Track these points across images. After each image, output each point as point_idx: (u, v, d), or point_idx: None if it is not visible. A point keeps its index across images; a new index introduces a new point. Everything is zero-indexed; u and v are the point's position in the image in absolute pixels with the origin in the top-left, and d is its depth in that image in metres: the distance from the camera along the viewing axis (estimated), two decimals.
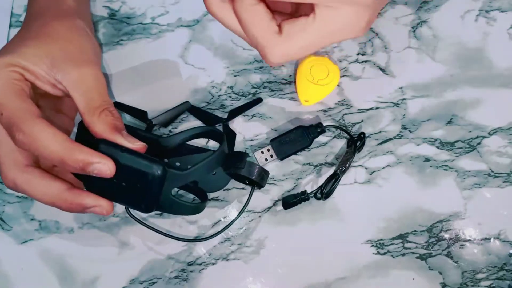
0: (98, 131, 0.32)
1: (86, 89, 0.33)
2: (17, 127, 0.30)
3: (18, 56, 0.32)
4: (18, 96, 0.31)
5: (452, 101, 0.43)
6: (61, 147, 0.30)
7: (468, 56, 0.43)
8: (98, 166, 0.31)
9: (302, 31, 0.29)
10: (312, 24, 0.29)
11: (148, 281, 0.41)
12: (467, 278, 0.41)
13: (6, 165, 0.33)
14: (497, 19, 0.43)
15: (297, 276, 0.41)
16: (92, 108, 0.32)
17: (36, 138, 0.30)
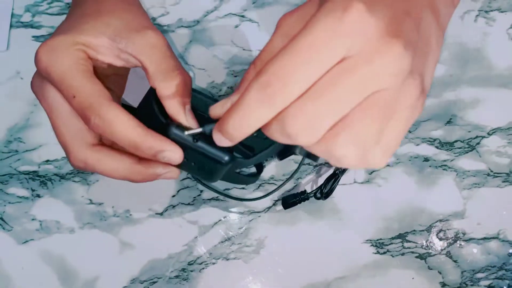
0: (165, 100, 0.31)
1: (153, 52, 0.32)
2: (92, 110, 0.30)
3: (79, 32, 0.32)
4: (89, 78, 0.31)
5: (452, 101, 0.43)
6: (135, 133, 0.30)
7: (467, 56, 0.43)
8: (169, 154, 0.31)
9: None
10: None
11: (148, 280, 0.41)
12: (467, 277, 0.41)
13: (75, 146, 0.33)
14: (497, 19, 0.44)
15: (297, 275, 0.41)
16: (161, 71, 0.31)
17: (111, 122, 0.30)
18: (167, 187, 0.42)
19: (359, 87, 0.24)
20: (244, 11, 0.44)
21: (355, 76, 0.24)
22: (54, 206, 0.42)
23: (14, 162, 0.43)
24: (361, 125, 0.25)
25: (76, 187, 0.42)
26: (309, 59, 0.24)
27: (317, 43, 0.24)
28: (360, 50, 0.24)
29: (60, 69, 0.30)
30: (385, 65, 0.24)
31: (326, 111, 0.24)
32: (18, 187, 0.42)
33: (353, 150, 0.25)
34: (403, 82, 0.25)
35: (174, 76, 0.31)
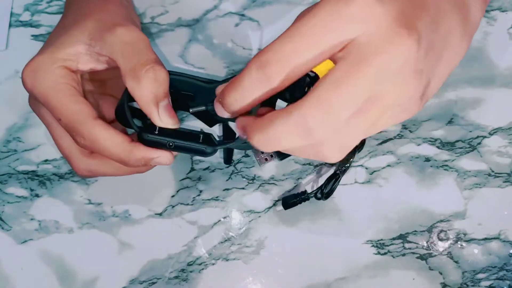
0: (137, 97, 0.30)
1: (124, 49, 0.31)
2: (76, 131, 0.30)
3: (57, 47, 0.32)
4: (72, 98, 0.31)
5: (453, 101, 0.43)
6: (120, 149, 0.30)
7: (468, 56, 0.43)
8: (158, 160, 0.31)
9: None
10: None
11: (148, 281, 0.41)
12: (468, 278, 0.41)
13: (76, 158, 0.34)
14: (498, 19, 0.43)
15: (297, 276, 0.41)
16: (131, 68, 0.30)
17: (96, 141, 0.30)
18: (166, 187, 0.42)
19: (371, 79, 0.23)
20: (244, 10, 0.43)
21: (369, 67, 0.23)
22: (53, 206, 0.42)
23: (13, 162, 0.42)
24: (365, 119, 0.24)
25: (75, 187, 0.42)
26: (310, 41, 0.23)
27: (319, 26, 0.23)
28: (368, 38, 0.23)
29: (43, 91, 0.31)
30: (394, 59, 0.23)
31: (345, 97, 0.23)
32: (17, 187, 0.42)
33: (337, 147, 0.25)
34: (405, 79, 0.23)
35: (144, 72, 0.30)
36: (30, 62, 0.32)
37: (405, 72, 0.23)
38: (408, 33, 0.23)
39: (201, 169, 0.42)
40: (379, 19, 0.23)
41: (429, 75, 0.25)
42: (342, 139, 0.24)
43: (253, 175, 0.42)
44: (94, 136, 0.30)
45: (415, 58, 0.23)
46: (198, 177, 0.42)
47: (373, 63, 0.23)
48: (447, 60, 0.26)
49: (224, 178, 0.42)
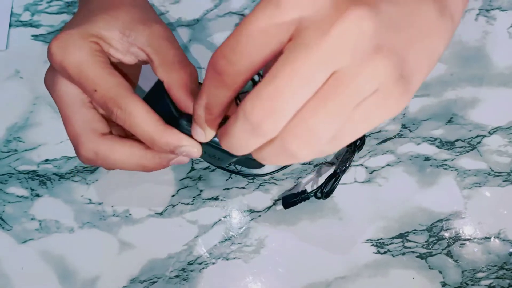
0: (173, 87, 0.30)
1: (160, 44, 0.31)
2: (114, 103, 0.29)
3: (92, 25, 0.31)
4: (108, 70, 0.30)
5: (452, 100, 0.43)
6: (154, 128, 0.29)
7: (468, 55, 0.43)
8: (187, 148, 0.30)
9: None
10: None
11: (148, 280, 0.41)
12: (467, 277, 0.41)
13: (86, 136, 0.32)
14: (497, 18, 0.43)
15: (297, 275, 0.41)
16: (167, 62, 0.31)
17: (132, 115, 0.29)
18: (167, 187, 0.42)
19: (322, 65, 0.20)
20: (244, 10, 0.43)
21: (313, 54, 0.20)
22: (53, 205, 0.42)
23: (14, 162, 0.43)
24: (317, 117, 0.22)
25: (76, 186, 0.42)
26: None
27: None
28: (310, 21, 0.20)
29: (76, 62, 0.30)
30: (345, 36, 0.20)
31: (286, 89, 0.21)
32: (17, 187, 0.42)
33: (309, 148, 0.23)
34: (363, 56, 0.20)
35: (180, 67, 0.31)
36: (60, 35, 0.30)
37: (362, 49, 0.20)
38: (353, 7, 0.20)
39: (201, 168, 0.42)
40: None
41: (400, 53, 0.22)
42: (304, 132, 0.22)
43: (253, 175, 0.42)
44: (132, 109, 0.29)
45: (369, 33, 0.20)
46: (199, 177, 0.42)
47: (316, 48, 0.20)
48: (420, 43, 0.23)
49: (224, 177, 0.42)
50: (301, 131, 0.22)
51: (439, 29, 0.25)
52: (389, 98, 0.22)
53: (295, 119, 0.22)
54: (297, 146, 0.22)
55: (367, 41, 0.20)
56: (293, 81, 0.21)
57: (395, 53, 0.21)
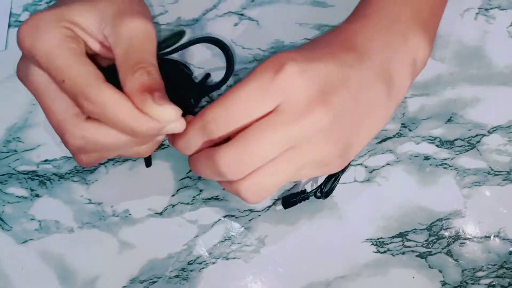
0: (127, 91, 0.27)
1: (129, 45, 0.28)
2: (83, 95, 0.27)
3: (68, 9, 0.29)
4: (78, 58, 0.28)
5: (452, 99, 0.43)
6: (131, 114, 0.27)
7: (467, 54, 0.43)
8: (173, 125, 0.28)
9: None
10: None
11: (148, 280, 0.41)
12: (467, 276, 0.41)
13: (70, 123, 0.29)
14: (497, 17, 0.43)
15: (297, 274, 0.41)
16: (126, 65, 0.28)
17: (105, 105, 0.27)
18: (166, 187, 0.42)
19: (285, 140, 0.28)
20: (243, 10, 0.43)
21: (278, 131, 0.27)
22: (53, 205, 0.42)
23: (13, 162, 0.43)
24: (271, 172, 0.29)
25: (75, 186, 0.42)
26: (240, 109, 0.28)
27: (249, 97, 0.28)
28: (288, 107, 0.27)
29: (45, 48, 0.27)
30: (306, 128, 0.28)
31: (252, 156, 0.28)
32: (17, 187, 0.42)
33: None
34: (318, 144, 0.28)
35: (138, 74, 0.27)
36: (31, 18, 0.28)
37: (318, 138, 0.28)
38: (321, 108, 0.28)
39: None
40: (298, 92, 0.27)
41: (347, 140, 0.30)
42: (255, 186, 0.29)
43: None
44: (103, 99, 0.27)
45: (326, 128, 0.28)
46: (198, 176, 0.42)
47: (285, 129, 0.27)
48: (369, 125, 0.31)
49: None
50: (230, 154, 0.28)
51: (386, 113, 0.31)
52: (327, 167, 0.30)
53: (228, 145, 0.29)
54: (227, 168, 0.29)
55: (324, 134, 0.28)
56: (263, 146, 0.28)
57: (342, 141, 0.29)
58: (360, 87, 0.29)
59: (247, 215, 0.42)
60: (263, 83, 0.27)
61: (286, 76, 0.27)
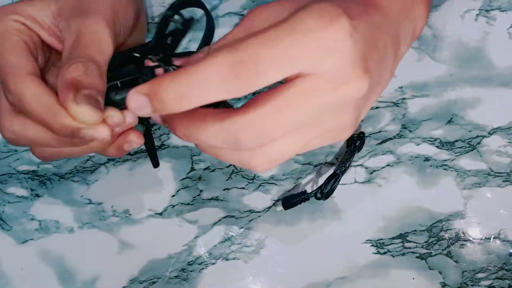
0: (58, 84, 0.26)
1: (75, 39, 0.28)
2: (4, 83, 0.28)
3: (25, 4, 0.29)
4: (13, 50, 0.28)
5: (452, 101, 0.43)
6: (45, 108, 0.26)
7: (468, 56, 0.43)
8: (90, 132, 0.26)
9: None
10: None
11: (148, 280, 0.41)
12: (467, 277, 0.41)
13: (3, 114, 0.29)
14: (497, 18, 0.43)
15: (297, 275, 0.41)
16: (66, 58, 0.27)
17: (21, 96, 0.27)
18: (166, 187, 0.42)
19: (317, 110, 0.24)
20: (244, 10, 0.43)
21: (315, 98, 0.24)
22: (53, 205, 0.42)
23: (13, 162, 0.43)
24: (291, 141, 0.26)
25: (75, 186, 0.42)
26: (286, 59, 0.23)
27: (297, 46, 0.23)
28: (327, 71, 0.23)
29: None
30: (344, 97, 0.24)
31: (281, 126, 0.24)
32: (17, 187, 0.42)
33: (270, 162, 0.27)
34: (345, 113, 0.26)
35: (72, 68, 0.26)
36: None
37: (348, 108, 0.25)
38: (364, 77, 0.24)
39: (201, 169, 0.42)
40: (345, 55, 0.23)
41: (364, 107, 0.27)
42: (271, 154, 0.26)
43: (253, 175, 0.42)
44: (20, 90, 0.27)
45: (361, 97, 0.25)
46: (198, 177, 0.42)
47: (322, 98, 0.24)
48: (377, 93, 0.28)
49: (224, 177, 0.42)
50: (255, 127, 0.24)
51: (386, 83, 0.29)
52: (338, 136, 0.27)
53: (255, 112, 0.24)
54: (246, 137, 0.24)
55: (355, 103, 0.26)
56: (280, 123, 0.24)
57: (361, 109, 0.27)
58: (384, 51, 0.27)
59: (247, 215, 0.42)
60: (315, 32, 0.23)
61: (337, 34, 0.23)
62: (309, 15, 0.23)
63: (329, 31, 0.23)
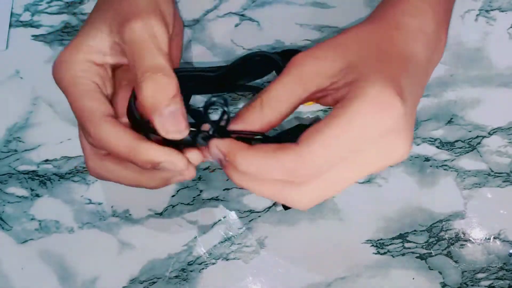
0: (141, 101, 0.28)
1: (136, 49, 0.29)
2: (85, 129, 0.30)
3: (80, 38, 0.31)
4: (86, 94, 0.30)
5: (452, 101, 0.43)
6: (127, 148, 0.28)
7: (468, 56, 0.43)
8: (168, 165, 0.29)
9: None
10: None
11: (148, 280, 0.41)
12: (467, 277, 0.41)
13: (87, 156, 0.32)
14: (497, 18, 0.43)
15: (297, 275, 0.41)
16: (139, 71, 0.29)
17: (103, 139, 0.29)
18: (166, 187, 0.42)
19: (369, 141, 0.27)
20: (244, 10, 0.43)
21: (369, 167, 0.27)
22: (53, 205, 0.42)
23: (13, 162, 0.43)
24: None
25: (76, 186, 0.42)
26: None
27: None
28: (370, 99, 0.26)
29: (63, 85, 0.30)
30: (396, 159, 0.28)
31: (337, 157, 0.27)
32: (17, 187, 0.42)
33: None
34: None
35: (149, 82, 0.28)
36: (59, 55, 0.31)
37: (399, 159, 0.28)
38: (409, 143, 0.27)
39: (201, 169, 0.42)
40: (400, 131, 0.27)
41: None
42: (322, 189, 0.28)
43: None
44: (99, 135, 0.29)
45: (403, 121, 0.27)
46: (198, 177, 0.42)
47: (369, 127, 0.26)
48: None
49: (224, 177, 0.42)
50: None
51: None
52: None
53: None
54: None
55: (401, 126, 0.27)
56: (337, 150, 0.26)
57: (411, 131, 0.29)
58: (419, 94, 0.31)
59: (247, 215, 0.42)
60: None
61: (393, 120, 0.26)
62: (366, 107, 0.26)
63: (386, 120, 0.26)
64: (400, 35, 0.30)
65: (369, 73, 0.27)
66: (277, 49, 0.43)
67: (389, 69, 0.28)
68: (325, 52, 0.28)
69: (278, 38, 0.43)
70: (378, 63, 0.28)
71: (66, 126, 0.43)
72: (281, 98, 0.28)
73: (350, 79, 0.27)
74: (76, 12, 0.44)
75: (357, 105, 0.25)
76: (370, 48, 0.29)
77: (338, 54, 0.28)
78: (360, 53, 0.28)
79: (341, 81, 0.28)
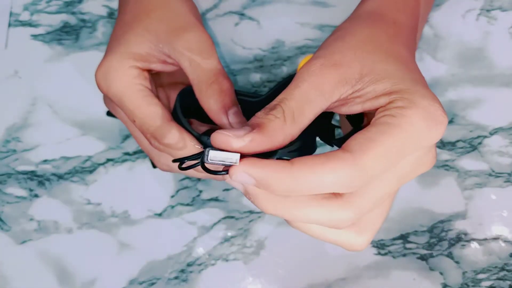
0: (205, 108, 0.30)
1: (192, 58, 0.31)
2: (150, 134, 0.30)
3: (125, 46, 0.31)
4: (145, 100, 0.31)
5: (453, 101, 0.42)
6: (191, 147, 0.30)
7: (469, 56, 0.43)
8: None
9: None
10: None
11: (147, 281, 0.41)
12: (468, 278, 0.41)
13: (154, 154, 0.33)
14: (498, 18, 0.43)
15: (297, 276, 0.41)
16: (199, 80, 0.30)
17: (170, 145, 0.30)
18: (166, 187, 0.42)
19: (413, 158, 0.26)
20: (244, 9, 0.43)
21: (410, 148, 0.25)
22: (52, 206, 0.42)
23: (12, 162, 0.42)
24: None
25: (74, 187, 0.42)
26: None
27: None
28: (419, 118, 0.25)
29: (117, 93, 0.31)
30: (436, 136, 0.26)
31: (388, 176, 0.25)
32: (16, 187, 0.42)
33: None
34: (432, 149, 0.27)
35: (211, 89, 0.30)
36: (102, 63, 0.31)
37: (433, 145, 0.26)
38: (446, 118, 0.26)
39: None
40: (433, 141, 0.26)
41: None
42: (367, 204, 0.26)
43: None
44: (168, 140, 0.30)
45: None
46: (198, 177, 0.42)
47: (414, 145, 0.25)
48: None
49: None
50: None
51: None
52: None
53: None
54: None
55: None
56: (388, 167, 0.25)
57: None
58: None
59: (247, 216, 0.42)
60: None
61: (440, 134, 0.25)
62: (421, 120, 0.25)
63: (438, 134, 0.25)
64: (395, 33, 0.30)
65: (405, 80, 0.26)
66: (277, 48, 0.43)
67: (419, 76, 0.29)
68: (344, 57, 0.26)
69: (278, 37, 0.43)
70: (405, 67, 0.28)
71: (65, 126, 0.43)
72: (304, 112, 0.25)
73: (386, 87, 0.26)
74: (75, 12, 0.44)
75: (411, 117, 0.24)
76: (381, 49, 0.28)
77: (358, 58, 0.26)
78: (375, 57, 0.27)
79: (367, 88, 0.26)
